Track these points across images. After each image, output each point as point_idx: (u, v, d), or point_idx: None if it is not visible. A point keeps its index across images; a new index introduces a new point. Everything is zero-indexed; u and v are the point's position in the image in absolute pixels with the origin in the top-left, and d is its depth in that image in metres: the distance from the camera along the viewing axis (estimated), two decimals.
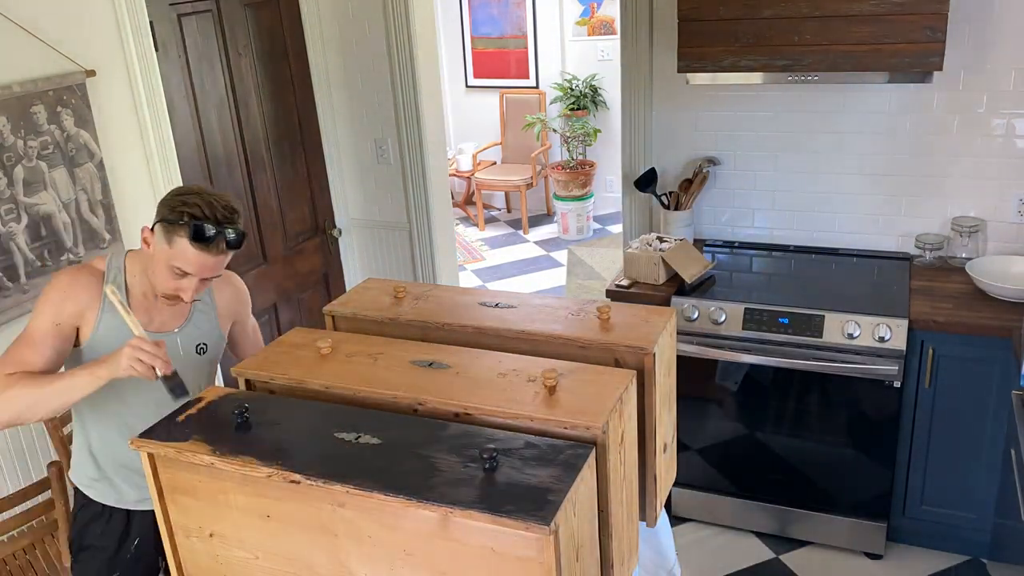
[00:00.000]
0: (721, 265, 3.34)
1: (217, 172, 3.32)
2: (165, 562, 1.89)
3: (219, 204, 1.83)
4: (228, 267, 2.01)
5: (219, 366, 2.20)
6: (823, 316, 2.87)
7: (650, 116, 3.51)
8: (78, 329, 1.92)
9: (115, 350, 1.78)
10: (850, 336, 2.82)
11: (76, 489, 2.16)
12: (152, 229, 1.87)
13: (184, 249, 1.81)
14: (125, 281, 1.95)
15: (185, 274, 1.85)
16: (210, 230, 1.80)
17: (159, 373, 1.76)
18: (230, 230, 1.83)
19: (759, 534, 3.25)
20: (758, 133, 3.38)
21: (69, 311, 1.89)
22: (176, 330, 2.02)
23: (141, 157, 2.97)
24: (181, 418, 1.63)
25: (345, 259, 4.10)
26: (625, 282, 3.20)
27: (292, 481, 1.45)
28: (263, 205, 3.58)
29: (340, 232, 4.03)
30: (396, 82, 3.73)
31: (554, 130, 7.00)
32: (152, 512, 2.06)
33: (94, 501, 2.11)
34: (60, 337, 1.89)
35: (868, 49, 2.74)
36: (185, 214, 1.80)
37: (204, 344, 2.07)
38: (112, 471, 2.08)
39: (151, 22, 2.95)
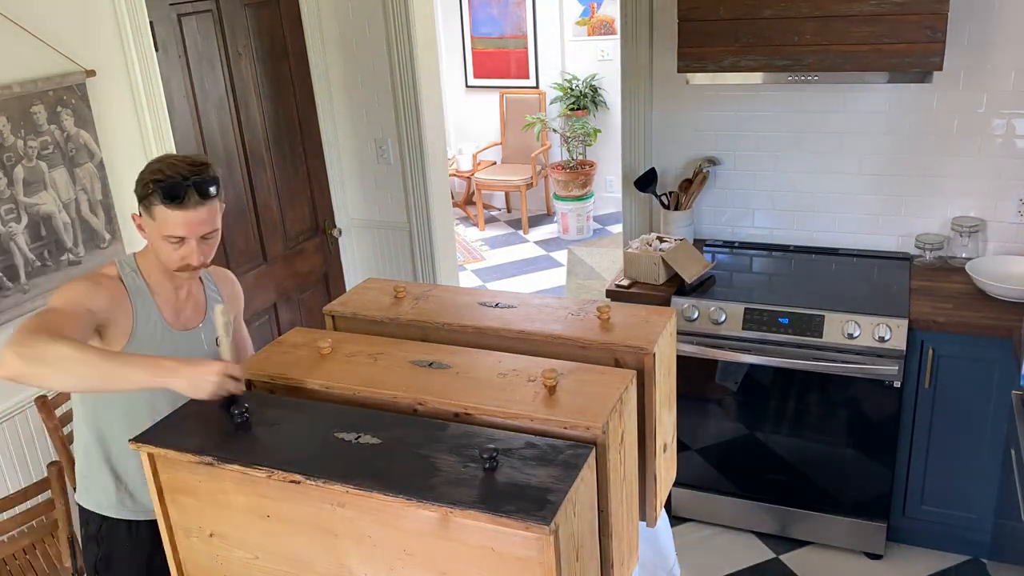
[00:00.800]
0: (721, 265, 3.34)
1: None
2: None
3: (182, 162, 1.84)
4: (232, 268, 2.01)
5: None
6: (823, 316, 2.87)
7: (650, 116, 3.51)
8: (100, 333, 1.87)
9: (178, 359, 1.66)
10: (850, 336, 2.82)
11: (89, 515, 2.09)
12: (139, 213, 1.88)
13: (165, 215, 1.82)
14: (146, 283, 1.95)
15: (180, 240, 1.85)
16: (177, 187, 1.80)
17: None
18: (196, 179, 1.82)
19: (759, 534, 3.25)
20: (758, 133, 3.38)
21: (101, 306, 1.83)
22: (200, 326, 2.06)
23: (141, 157, 2.97)
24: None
25: (345, 259, 4.10)
26: (625, 282, 3.20)
27: (292, 481, 1.45)
28: (263, 205, 3.58)
29: (340, 232, 4.03)
30: (396, 82, 3.73)
31: (554, 130, 7.00)
32: None
33: (117, 520, 2.06)
34: (91, 326, 1.80)
35: (868, 49, 2.74)
36: (151, 183, 1.81)
37: (217, 335, 2.05)
38: (138, 482, 2.02)
39: (151, 22, 2.95)
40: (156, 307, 1.95)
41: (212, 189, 1.85)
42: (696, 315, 3.01)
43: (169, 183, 1.80)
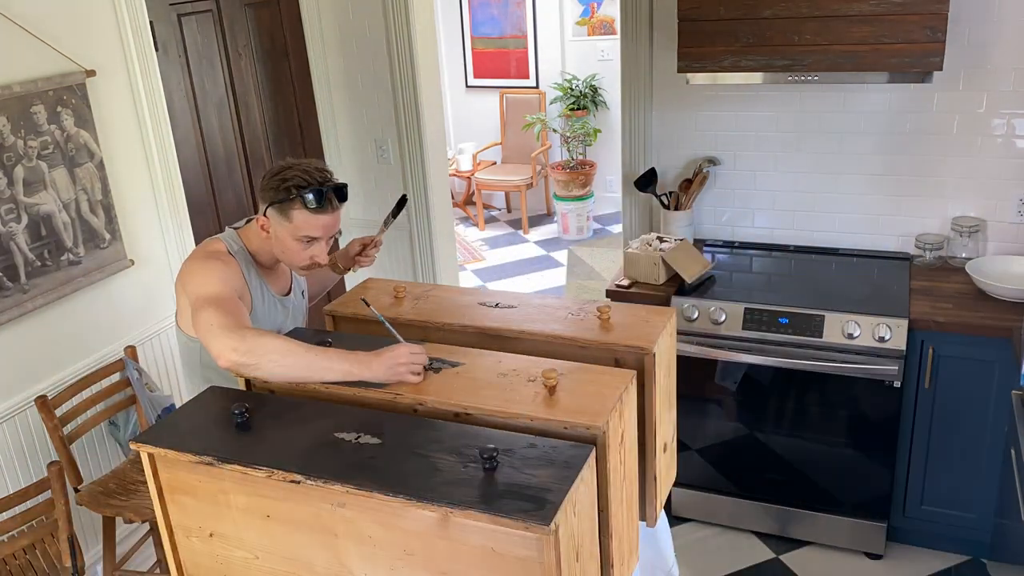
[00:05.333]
0: (721, 265, 3.34)
1: (217, 172, 3.32)
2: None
3: (313, 169, 1.99)
4: None
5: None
6: (823, 316, 2.87)
7: (650, 116, 3.51)
8: None
9: (372, 352, 1.70)
10: (850, 336, 2.82)
11: None
12: (265, 215, 2.00)
13: (306, 218, 1.97)
14: (251, 254, 2.08)
15: (313, 240, 2.01)
16: (321, 194, 1.95)
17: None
18: (332, 186, 1.98)
19: (759, 534, 3.24)
20: (758, 133, 3.38)
21: (238, 286, 1.95)
22: (292, 288, 2.25)
23: (141, 157, 2.97)
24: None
25: None
26: (625, 282, 3.20)
27: (292, 481, 1.45)
28: None
29: (340, 232, 4.02)
30: (396, 82, 3.73)
31: (554, 130, 7.00)
32: None
33: None
34: (246, 308, 1.92)
35: (868, 49, 2.74)
36: (292, 188, 1.95)
37: (303, 289, 2.33)
38: None
39: (151, 22, 2.95)
40: (264, 279, 2.09)
41: (344, 196, 2.02)
42: (696, 315, 3.01)
43: (313, 190, 1.94)
